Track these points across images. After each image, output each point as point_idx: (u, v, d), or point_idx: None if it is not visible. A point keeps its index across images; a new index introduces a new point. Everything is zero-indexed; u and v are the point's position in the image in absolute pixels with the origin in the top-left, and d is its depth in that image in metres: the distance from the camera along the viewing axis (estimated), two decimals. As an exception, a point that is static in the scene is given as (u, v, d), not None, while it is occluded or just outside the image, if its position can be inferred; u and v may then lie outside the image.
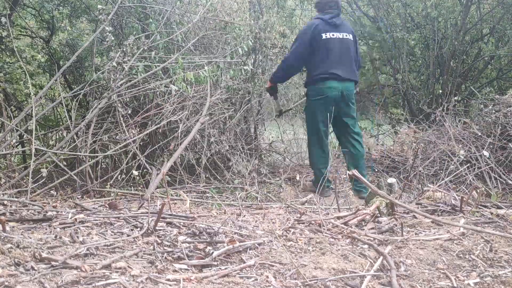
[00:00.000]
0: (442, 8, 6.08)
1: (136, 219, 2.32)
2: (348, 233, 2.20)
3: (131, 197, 3.27)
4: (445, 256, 1.95)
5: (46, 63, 4.93)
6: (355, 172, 2.55)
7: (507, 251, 2.01)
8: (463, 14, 6.00)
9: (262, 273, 1.72)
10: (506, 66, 6.69)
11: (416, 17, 6.55)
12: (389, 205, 2.54)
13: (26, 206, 2.56)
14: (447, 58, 6.23)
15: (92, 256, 1.76)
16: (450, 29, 6.21)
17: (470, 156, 4.19)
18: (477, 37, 6.52)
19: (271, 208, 2.97)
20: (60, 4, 4.81)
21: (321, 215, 2.50)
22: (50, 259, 1.64)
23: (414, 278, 1.75)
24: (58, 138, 4.94)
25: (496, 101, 4.69)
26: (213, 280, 1.62)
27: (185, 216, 2.39)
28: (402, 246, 2.05)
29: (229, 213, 2.68)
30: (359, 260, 1.88)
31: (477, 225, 2.40)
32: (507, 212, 2.64)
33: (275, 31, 4.71)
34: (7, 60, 4.14)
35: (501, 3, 6.04)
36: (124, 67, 3.51)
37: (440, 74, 6.38)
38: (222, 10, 4.25)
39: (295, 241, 2.08)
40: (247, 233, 2.16)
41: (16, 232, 2.01)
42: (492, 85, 6.83)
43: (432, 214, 2.62)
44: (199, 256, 1.84)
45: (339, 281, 1.69)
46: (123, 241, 1.96)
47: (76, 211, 2.49)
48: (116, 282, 1.50)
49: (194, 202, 3.19)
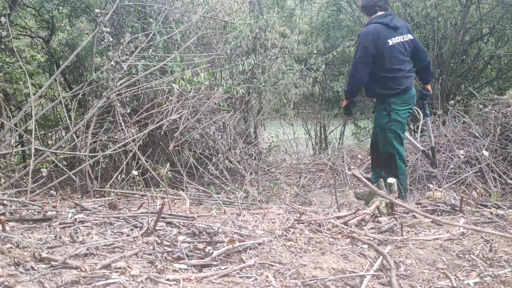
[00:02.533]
0: (442, 8, 6.08)
1: (136, 219, 2.32)
2: (348, 233, 2.20)
3: (131, 196, 3.27)
4: (445, 256, 1.95)
5: (45, 63, 4.93)
6: (354, 172, 2.55)
7: (506, 251, 2.01)
8: (463, 14, 6.00)
9: (262, 273, 1.71)
10: (506, 66, 6.70)
11: (416, 17, 6.55)
12: (389, 205, 2.55)
13: (25, 206, 2.56)
14: (447, 58, 6.23)
15: (92, 256, 1.76)
16: (450, 29, 6.21)
17: (470, 156, 4.19)
18: (476, 37, 6.53)
19: (271, 208, 2.97)
20: (60, 4, 4.81)
21: (321, 215, 2.50)
22: (50, 259, 1.64)
23: (414, 278, 1.75)
24: (58, 138, 4.95)
25: (496, 101, 4.69)
26: (213, 280, 1.62)
27: (185, 216, 2.39)
28: (402, 246, 2.05)
29: (229, 213, 2.68)
30: (359, 260, 1.88)
31: (477, 225, 2.40)
32: (507, 212, 2.64)
33: (275, 31, 4.70)
34: (7, 60, 4.13)
35: (501, 3, 6.04)
36: (122, 66, 3.51)
37: (440, 74, 6.38)
38: (222, 10, 4.25)
39: (295, 241, 2.08)
40: (247, 233, 2.15)
41: (16, 232, 2.01)
42: (492, 85, 6.83)
43: (432, 214, 2.62)
44: (199, 256, 1.84)
45: (339, 281, 1.69)
46: (123, 241, 1.96)
47: (76, 211, 2.49)
48: (116, 282, 1.50)
49: (194, 202, 3.19)
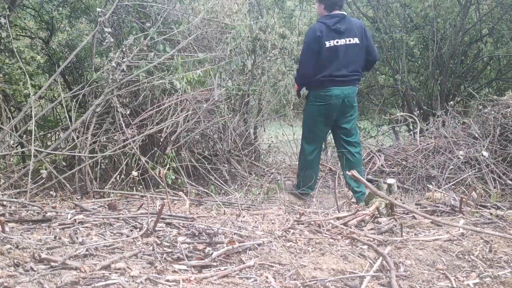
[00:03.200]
0: (441, 9, 6.09)
1: (136, 220, 2.32)
2: (348, 233, 2.20)
3: (131, 197, 3.27)
4: (445, 257, 1.95)
5: (45, 63, 4.93)
6: (354, 173, 2.55)
7: (506, 252, 2.01)
8: (462, 14, 6.01)
9: (261, 273, 1.71)
10: (505, 66, 6.70)
11: (415, 17, 6.56)
12: (389, 205, 2.55)
13: (25, 206, 2.56)
14: (446, 59, 6.24)
15: (91, 257, 1.76)
16: (449, 30, 6.22)
17: (470, 157, 4.20)
18: (476, 38, 6.54)
19: (271, 209, 2.97)
20: (60, 5, 4.81)
21: (320, 215, 2.50)
22: (49, 259, 1.64)
23: (414, 279, 1.75)
24: (57, 138, 4.95)
25: (495, 102, 4.69)
26: (212, 281, 1.62)
27: (184, 217, 2.39)
28: (402, 247, 2.05)
29: (229, 214, 2.68)
30: (358, 261, 1.88)
31: (477, 226, 2.40)
32: (506, 212, 2.64)
33: (275, 32, 4.70)
34: (6, 61, 4.13)
35: (500, 4, 6.05)
36: (123, 68, 3.51)
37: (439, 75, 6.39)
38: (222, 11, 4.25)
39: (295, 242, 2.08)
40: (247, 233, 2.15)
41: (15, 233, 2.01)
42: (491, 86, 6.84)
43: (431, 215, 2.62)
44: (198, 256, 1.84)
45: (338, 282, 1.69)
46: (122, 241, 1.96)
47: (76, 212, 2.48)
48: (115, 282, 1.50)
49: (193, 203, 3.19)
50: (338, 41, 3.66)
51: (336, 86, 3.69)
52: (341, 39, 3.67)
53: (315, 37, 3.66)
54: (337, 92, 3.69)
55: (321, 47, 3.64)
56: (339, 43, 3.66)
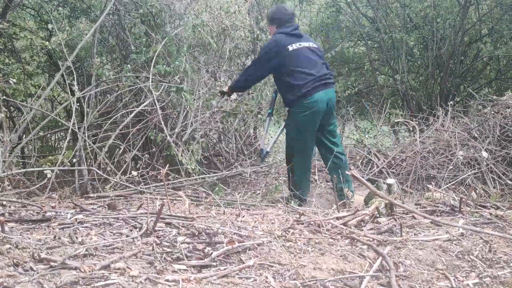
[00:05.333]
0: (440, 9, 6.09)
1: (135, 220, 2.32)
2: (347, 233, 2.20)
3: (130, 197, 3.27)
4: (444, 257, 1.96)
5: (45, 63, 4.93)
6: (354, 173, 2.54)
7: (506, 252, 2.01)
8: (462, 14, 6.01)
9: (261, 273, 1.72)
10: (505, 66, 6.70)
11: (415, 18, 6.57)
12: (388, 205, 2.55)
13: (25, 206, 2.56)
14: (446, 59, 6.24)
15: (91, 257, 1.76)
16: (449, 30, 6.22)
17: (469, 157, 4.19)
18: (475, 38, 6.54)
19: (270, 209, 2.97)
20: (60, 5, 4.81)
21: (320, 215, 2.50)
22: (49, 259, 1.64)
23: (413, 279, 1.75)
24: (58, 138, 4.95)
25: (495, 102, 4.69)
26: (212, 281, 1.62)
27: (184, 217, 2.39)
28: (401, 247, 2.05)
29: (228, 214, 2.68)
30: (358, 261, 1.88)
31: (476, 226, 2.40)
32: (506, 212, 2.64)
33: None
34: (6, 61, 4.13)
35: (500, 4, 6.05)
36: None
37: (439, 75, 6.39)
38: (222, 12, 4.25)
39: (294, 242, 2.08)
40: (246, 233, 2.15)
41: (15, 233, 2.01)
42: (491, 86, 6.84)
43: (431, 215, 2.62)
44: (198, 256, 1.84)
45: (338, 282, 1.69)
46: (122, 241, 1.96)
47: (75, 212, 2.48)
48: (115, 282, 1.50)
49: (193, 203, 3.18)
50: (301, 44, 3.56)
51: (320, 90, 3.53)
52: (302, 42, 3.57)
53: (274, 45, 3.55)
54: (321, 95, 3.52)
55: (284, 53, 3.50)
56: (302, 46, 3.55)
